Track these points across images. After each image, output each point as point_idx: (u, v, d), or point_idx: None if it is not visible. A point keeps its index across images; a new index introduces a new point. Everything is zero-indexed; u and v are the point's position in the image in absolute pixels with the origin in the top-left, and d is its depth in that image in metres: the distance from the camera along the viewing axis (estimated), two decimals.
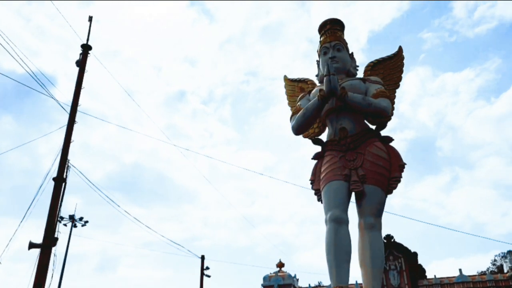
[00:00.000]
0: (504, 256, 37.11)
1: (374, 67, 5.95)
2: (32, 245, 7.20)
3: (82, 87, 8.69)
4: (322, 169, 5.18)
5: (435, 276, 23.44)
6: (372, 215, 4.83)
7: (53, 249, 7.22)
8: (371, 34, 73.86)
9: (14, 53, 7.92)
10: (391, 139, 5.28)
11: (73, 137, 7.81)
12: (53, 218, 7.11)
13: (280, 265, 26.46)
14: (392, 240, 24.45)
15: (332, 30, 5.98)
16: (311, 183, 5.35)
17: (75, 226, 20.14)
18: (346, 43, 5.93)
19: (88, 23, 8.98)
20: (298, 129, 5.40)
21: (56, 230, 7.29)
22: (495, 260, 38.47)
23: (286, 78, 6.46)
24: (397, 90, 5.90)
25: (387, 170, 4.98)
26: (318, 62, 6.10)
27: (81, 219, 20.06)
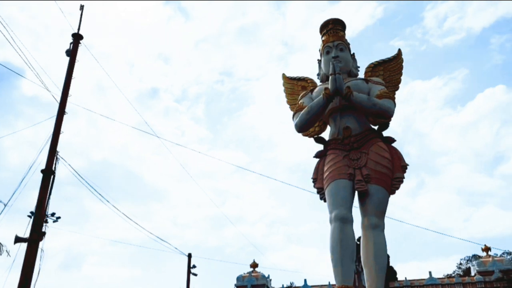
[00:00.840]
0: (469, 260, 38.34)
1: (374, 68, 5.99)
2: (18, 239, 6.91)
3: (72, 77, 8.45)
4: (326, 168, 5.16)
5: (405, 278, 23.89)
6: (375, 214, 4.84)
7: (40, 243, 6.99)
8: None
9: None
10: (393, 140, 5.32)
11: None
12: (41, 211, 6.85)
13: (254, 265, 26.43)
14: None
15: (334, 29, 5.99)
16: (313, 181, 5.33)
17: (46, 221, 19.48)
18: (349, 44, 5.96)
19: (80, 11, 8.74)
20: (302, 127, 5.37)
21: (44, 224, 7.05)
22: (460, 264, 39.60)
23: (284, 76, 6.42)
24: (396, 92, 5.96)
25: (390, 170, 5.00)
26: (319, 61, 6.10)
27: (53, 214, 19.42)
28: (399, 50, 6.27)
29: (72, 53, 8.21)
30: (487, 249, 24.17)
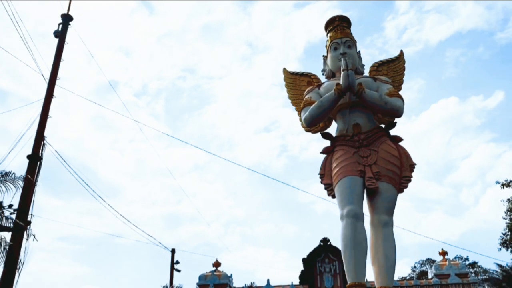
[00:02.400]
0: (423, 263, 39.76)
1: (378, 67, 6.02)
2: (1, 228, 6.45)
3: (61, 59, 8.00)
4: (334, 164, 5.12)
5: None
6: (385, 212, 4.84)
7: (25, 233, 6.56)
8: (308, 45, 75.80)
9: None
10: (400, 139, 5.34)
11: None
12: (27, 199, 6.41)
13: (217, 264, 26.16)
14: (329, 243, 25.06)
15: (341, 26, 5.96)
16: (320, 177, 5.26)
17: (2, 213, 18.47)
18: (355, 41, 5.94)
19: None
20: (312, 121, 5.30)
21: (30, 212, 6.63)
22: (414, 267, 40.93)
23: (285, 71, 6.34)
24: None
25: (399, 169, 5.02)
26: (325, 57, 6.06)
27: (10, 206, 18.43)
28: (401, 51, 6.34)
29: (61, 35, 7.77)
30: (443, 253, 24.99)
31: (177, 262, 21.31)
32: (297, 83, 6.17)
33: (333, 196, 5.07)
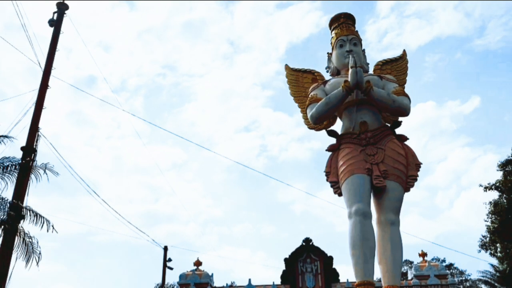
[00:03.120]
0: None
1: (382, 66, 6.01)
2: None
3: (57, 49, 7.74)
4: (341, 162, 5.07)
5: (347, 280, 24.49)
6: (393, 211, 4.82)
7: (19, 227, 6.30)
8: (289, 45, 75.92)
9: None
10: (406, 138, 5.32)
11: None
12: (21, 192, 6.16)
13: (198, 263, 25.96)
14: (311, 243, 25.16)
15: (346, 24, 5.94)
16: (326, 175, 5.21)
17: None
18: (361, 39, 5.91)
19: None
20: (319, 118, 5.24)
21: (24, 205, 6.36)
22: None
23: (288, 67, 6.27)
24: None
25: (405, 168, 5.00)
26: (329, 54, 6.01)
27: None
28: (404, 51, 6.35)
29: (56, 24, 7.50)
30: (423, 254, 25.36)
31: (170, 260, 21.03)
32: (300, 80, 6.10)
33: (340, 194, 5.03)
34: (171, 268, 20.58)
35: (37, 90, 6.62)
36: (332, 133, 5.46)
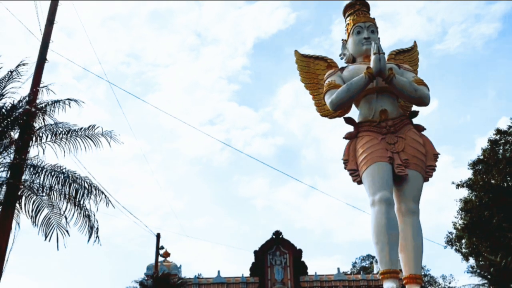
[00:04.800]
0: (363, 259, 41.16)
1: (396, 56, 5.97)
2: None
3: (55, 21, 7.26)
4: (361, 150, 4.99)
5: (316, 273, 24.76)
6: (413, 200, 4.80)
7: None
8: (257, 40, 75.72)
9: None
10: (423, 128, 5.29)
11: None
12: (19, 169, 5.71)
13: (166, 254, 25.54)
14: (281, 236, 25.24)
15: (362, 11, 5.85)
16: (344, 163, 5.11)
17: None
18: (377, 27, 5.84)
19: None
20: (340, 104, 5.14)
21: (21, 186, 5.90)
22: (355, 262, 42.28)
23: (297, 53, 6.14)
24: None
25: (424, 157, 4.98)
26: (344, 41, 5.91)
27: None
28: (415, 42, 6.34)
29: None
30: None
31: (162, 248, 20.51)
32: (311, 66, 5.99)
33: (359, 182, 4.96)
34: (163, 256, 20.10)
35: None
36: (349, 121, 5.37)
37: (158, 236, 20.62)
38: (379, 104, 5.14)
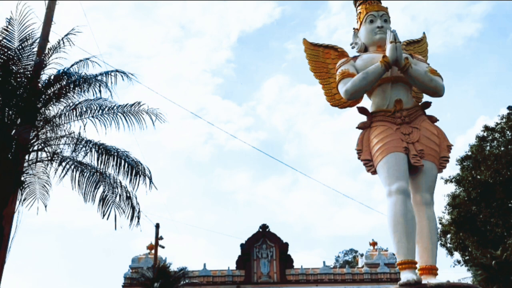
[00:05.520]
0: (346, 253, 41.59)
1: (406, 47, 5.92)
2: None
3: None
4: (375, 140, 4.93)
5: (301, 266, 24.89)
6: (428, 191, 4.78)
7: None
8: (241, 34, 75.58)
9: None
10: (436, 119, 5.27)
11: None
12: (21, 153, 5.47)
13: (151, 247, 25.34)
14: (267, 229, 25.28)
15: None
16: (358, 153, 5.05)
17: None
18: (390, 16, 5.78)
19: None
20: (355, 93, 5.06)
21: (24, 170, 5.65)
22: (338, 256, 42.64)
23: (306, 41, 6.04)
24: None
25: (438, 148, 4.95)
26: (356, 30, 5.83)
27: None
28: (424, 34, 6.31)
29: None
30: (374, 244, 26.28)
31: (161, 238, 20.25)
32: (321, 55, 5.91)
33: (373, 173, 4.91)
34: (162, 247, 19.84)
35: None
36: (362, 110, 5.30)
37: (157, 226, 20.36)
38: (394, 93, 5.09)
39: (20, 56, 5.99)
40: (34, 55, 6.19)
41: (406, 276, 4.18)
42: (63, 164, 5.82)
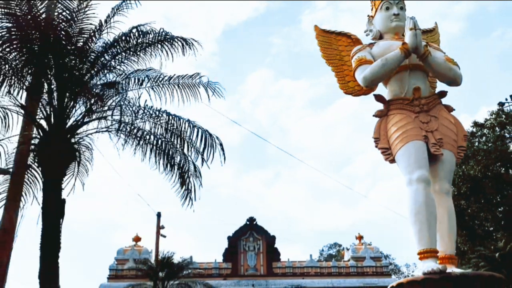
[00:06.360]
0: (330, 247, 41.85)
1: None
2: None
3: None
4: (394, 128, 4.86)
5: (288, 259, 24.91)
6: (447, 180, 4.75)
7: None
8: (226, 27, 75.10)
9: None
10: (452, 109, 5.22)
11: None
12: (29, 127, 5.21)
13: (137, 239, 25.09)
14: (254, 222, 25.21)
15: None
16: (375, 141, 4.99)
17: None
18: (405, 4, 5.70)
19: None
20: (374, 80, 4.99)
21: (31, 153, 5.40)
22: (322, 250, 42.86)
23: (317, 28, 5.95)
24: None
25: (456, 137, 4.91)
26: (370, 17, 5.74)
27: None
28: (436, 24, 6.28)
29: None
30: (360, 237, 26.46)
31: (163, 227, 19.89)
32: (333, 42, 5.83)
33: (391, 161, 4.85)
34: (164, 236, 19.50)
35: None
36: (379, 98, 5.22)
37: (158, 215, 20.03)
38: (412, 81, 5.02)
39: (76, 19, 5.72)
40: (89, 19, 5.91)
41: (429, 265, 4.12)
42: (134, 132, 5.57)
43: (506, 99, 17.55)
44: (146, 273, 18.34)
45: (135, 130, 5.69)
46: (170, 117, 5.89)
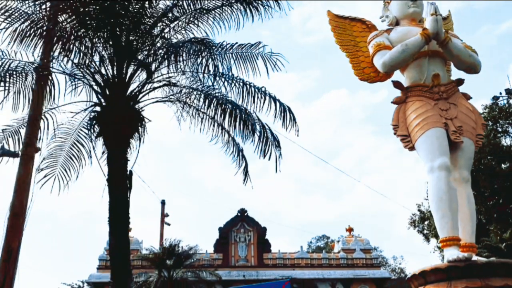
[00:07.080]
0: (318, 239, 42.06)
1: None
2: (5, 153, 4.94)
3: None
4: (413, 115, 4.79)
5: (279, 250, 24.93)
6: (467, 168, 4.69)
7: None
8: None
9: None
10: (470, 97, 5.17)
11: None
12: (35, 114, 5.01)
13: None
14: (246, 213, 25.15)
15: None
16: (394, 128, 4.91)
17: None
18: None
19: None
20: (394, 65, 4.91)
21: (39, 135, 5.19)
22: (311, 242, 43.04)
23: (330, 13, 5.89)
24: None
25: (475, 125, 4.86)
26: (387, 2, 5.64)
27: None
28: (449, 11, 6.20)
29: None
30: (350, 229, 26.59)
31: (167, 215, 19.57)
32: (348, 28, 5.75)
33: (411, 148, 4.77)
34: (168, 224, 19.19)
35: None
36: (397, 84, 5.14)
37: (163, 203, 19.77)
38: (431, 68, 4.94)
39: None
40: None
41: (453, 253, 4.07)
42: (209, 99, 5.31)
43: (501, 93, 17.77)
44: (152, 261, 17.96)
45: (202, 99, 5.44)
46: (246, 85, 5.68)
